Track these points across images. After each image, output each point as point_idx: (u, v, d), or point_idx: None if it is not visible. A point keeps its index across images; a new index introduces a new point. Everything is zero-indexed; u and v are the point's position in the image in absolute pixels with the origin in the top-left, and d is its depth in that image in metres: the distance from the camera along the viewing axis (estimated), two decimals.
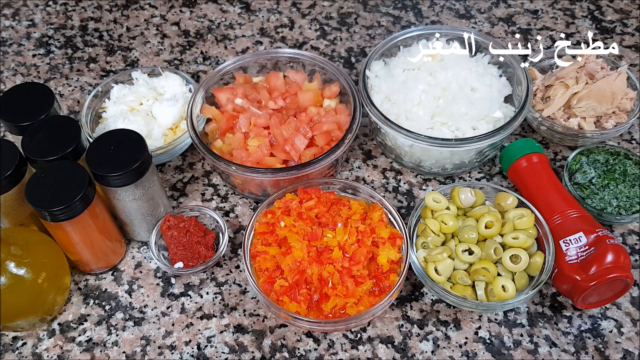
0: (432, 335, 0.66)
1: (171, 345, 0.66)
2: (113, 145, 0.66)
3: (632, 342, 0.65)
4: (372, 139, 0.84)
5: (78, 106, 0.90)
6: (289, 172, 0.70)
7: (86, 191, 0.62)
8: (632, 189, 0.72)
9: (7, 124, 0.71)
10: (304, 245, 0.65)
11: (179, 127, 0.81)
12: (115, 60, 0.96)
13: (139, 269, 0.72)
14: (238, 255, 0.73)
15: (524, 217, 0.67)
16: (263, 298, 0.63)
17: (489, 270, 0.64)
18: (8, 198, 0.65)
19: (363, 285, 0.63)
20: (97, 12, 1.04)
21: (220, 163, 0.71)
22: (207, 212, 0.74)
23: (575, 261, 0.64)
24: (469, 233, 0.66)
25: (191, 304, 0.69)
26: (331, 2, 1.04)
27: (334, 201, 0.70)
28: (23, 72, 0.95)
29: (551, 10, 1.00)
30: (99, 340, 0.67)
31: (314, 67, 0.83)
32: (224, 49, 0.97)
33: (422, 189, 0.79)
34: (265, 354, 0.65)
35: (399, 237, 0.67)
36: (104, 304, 0.69)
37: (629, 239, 0.73)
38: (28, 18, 1.03)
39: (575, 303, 0.64)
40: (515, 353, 0.64)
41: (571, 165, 0.75)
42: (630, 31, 0.97)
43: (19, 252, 0.62)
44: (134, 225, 0.71)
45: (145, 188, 0.68)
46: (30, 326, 0.66)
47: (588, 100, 0.78)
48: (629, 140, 0.82)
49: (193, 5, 1.04)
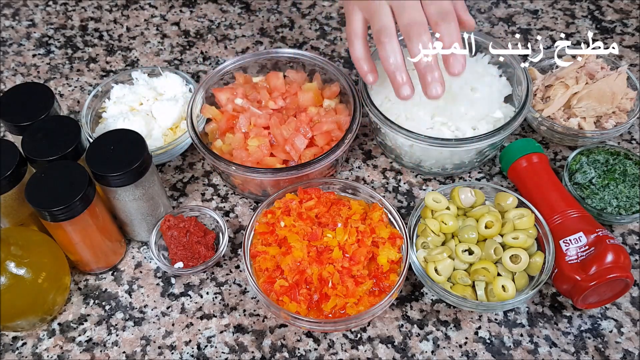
0: (432, 335, 0.66)
1: (171, 345, 0.66)
2: (113, 145, 0.66)
3: (632, 342, 0.65)
4: (372, 139, 0.84)
5: (78, 106, 0.90)
6: (289, 172, 0.70)
7: (86, 191, 0.62)
8: (632, 189, 0.72)
9: (7, 124, 0.71)
10: (304, 245, 0.65)
11: (179, 127, 0.81)
12: (115, 60, 0.96)
13: (139, 269, 0.72)
14: (238, 255, 0.73)
15: (524, 217, 0.67)
16: (263, 298, 0.63)
17: (489, 270, 0.64)
18: (8, 198, 0.65)
19: (363, 285, 0.63)
20: (97, 12, 1.04)
21: (220, 163, 0.71)
22: (207, 212, 0.74)
23: (575, 261, 0.64)
24: (469, 233, 0.66)
25: (191, 304, 0.69)
26: (331, 2, 1.04)
27: (334, 201, 0.70)
28: (23, 72, 0.95)
29: (551, 10, 1.00)
30: (99, 340, 0.67)
31: (314, 67, 0.83)
32: (224, 49, 0.97)
33: (422, 189, 0.79)
34: (265, 354, 0.65)
35: (399, 237, 0.67)
36: (104, 304, 0.69)
37: (629, 239, 0.73)
38: (28, 18, 1.03)
39: (575, 303, 0.64)
40: (515, 353, 0.64)
41: (571, 165, 0.75)
42: (630, 31, 0.97)
43: (19, 252, 0.62)
44: (134, 225, 0.72)
45: (145, 188, 0.68)
46: (30, 326, 0.66)
47: (588, 100, 0.78)
48: (629, 140, 0.82)
49: (193, 5, 1.04)
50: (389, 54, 0.61)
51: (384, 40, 0.61)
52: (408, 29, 0.60)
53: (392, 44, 0.61)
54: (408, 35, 0.61)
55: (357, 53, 0.64)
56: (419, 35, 0.60)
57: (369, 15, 0.63)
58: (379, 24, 0.61)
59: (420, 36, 0.60)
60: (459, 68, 0.61)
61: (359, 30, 0.64)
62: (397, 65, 0.61)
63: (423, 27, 0.61)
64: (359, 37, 0.64)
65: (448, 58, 0.61)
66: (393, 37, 0.61)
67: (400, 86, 0.62)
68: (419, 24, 0.60)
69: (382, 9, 0.61)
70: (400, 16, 0.61)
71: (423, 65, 0.61)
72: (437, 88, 0.61)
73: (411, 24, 0.60)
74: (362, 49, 0.64)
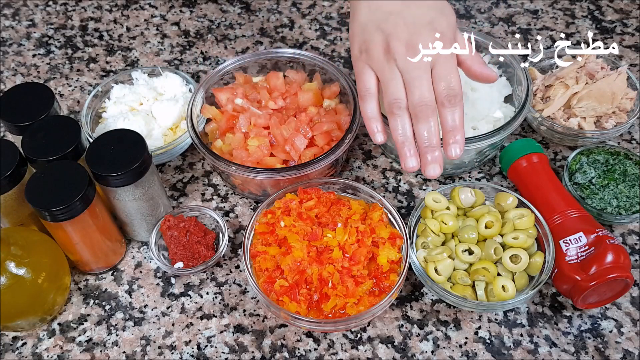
0: (432, 335, 0.66)
1: (171, 345, 0.66)
2: (113, 145, 0.66)
3: (632, 342, 0.65)
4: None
5: (78, 106, 0.90)
6: (289, 172, 0.70)
7: (86, 191, 0.62)
8: (632, 189, 0.72)
9: (7, 124, 0.71)
10: (304, 245, 0.65)
11: (179, 127, 0.81)
12: (115, 60, 0.96)
13: (139, 269, 0.72)
14: (238, 255, 0.73)
15: (524, 217, 0.67)
16: (263, 298, 0.63)
17: (489, 270, 0.64)
18: (8, 198, 0.65)
19: (363, 285, 0.63)
20: (97, 12, 1.04)
21: (220, 163, 0.71)
22: (207, 212, 0.74)
23: (575, 261, 0.64)
24: (469, 233, 0.66)
25: (191, 304, 0.69)
26: (331, 2, 1.04)
27: (334, 201, 0.70)
28: (23, 72, 0.95)
29: (551, 10, 1.00)
30: (99, 340, 0.67)
31: (314, 67, 0.83)
32: (224, 49, 0.97)
33: (422, 189, 0.79)
34: (265, 354, 0.65)
35: (399, 237, 0.67)
36: (104, 304, 0.69)
37: (629, 239, 0.73)
38: (28, 18, 1.03)
39: (575, 303, 0.64)
40: (515, 353, 0.64)
41: (571, 165, 0.75)
42: (630, 31, 0.97)
43: (19, 252, 0.62)
44: (134, 225, 0.72)
45: (145, 188, 0.68)
46: (30, 326, 0.66)
47: (588, 100, 0.78)
48: (629, 140, 0.82)
49: (193, 5, 1.04)
50: (399, 126, 0.62)
51: (396, 113, 0.62)
52: (417, 109, 0.61)
53: (403, 117, 0.62)
54: (415, 115, 0.61)
55: (370, 113, 0.64)
56: (426, 119, 0.61)
57: (382, 81, 0.63)
58: (392, 95, 0.62)
59: (428, 119, 0.61)
60: (457, 153, 0.62)
61: (373, 90, 0.64)
62: (406, 138, 0.62)
63: (431, 110, 0.61)
64: (372, 97, 0.64)
65: (448, 141, 0.62)
66: (405, 111, 0.62)
67: (407, 158, 0.62)
68: (427, 106, 0.61)
69: (396, 81, 0.62)
70: (410, 92, 0.61)
71: (425, 145, 0.62)
72: (435, 169, 0.62)
73: (420, 105, 0.61)
74: (375, 109, 0.64)
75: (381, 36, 0.63)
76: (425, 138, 0.61)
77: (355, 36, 0.66)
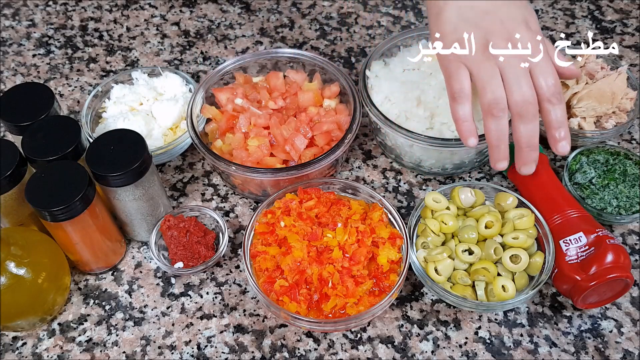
0: (432, 335, 0.66)
1: (171, 345, 0.66)
2: (113, 145, 0.66)
3: (632, 342, 0.65)
4: (372, 139, 0.84)
5: (78, 106, 0.90)
6: (289, 172, 0.70)
7: (86, 191, 0.62)
8: (632, 189, 0.72)
9: (7, 124, 0.71)
10: (304, 245, 0.65)
11: (179, 127, 0.81)
12: (115, 60, 0.96)
13: (139, 269, 0.72)
14: (238, 255, 0.73)
15: (524, 217, 0.67)
16: (263, 298, 0.63)
17: (489, 270, 0.64)
18: (8, 198, 0.65)
19: (363, 285, 0.63)
20: (97, 12, 1.04)
21: (220, 163, 0.71)
22: (207, 212, 0.74)
23: (575, 261, 0.64)
24: (469, 233, 0.66)
25: (191, 304, 0.69)
26: (331, 2, 1.04)
27: (334, 201, 0.70)
28: (23, 72, 0.95)
29: (551, 10, 1.00)
30: (99, 340, 0.67)
31: (314, 67, 0.83)
32: (224, 49, 0.97)
33: (422, 189, 0.79)
34: (265, 354, 0.65)
35: (399, 237, 0.67)
36: (104, 304, 0.69)
37: (629, 239, 0.73)
38: (28, 18, 1.03)
39: (575, 303, 0.64)
40: (515, 353, 0.64)
41: (571, 165, 0.75)
42: (630, 31, 0.97)
43: (19, 252, 0.62)
44: (134, 225, 0.72)
45: (145, 188, 0.68)
46: (30, 326, 0.66)
47: (588, 100, 0.78)
48: (629, 140, 0.82)
49: (193, 5, 1.04)
50: (496, 127, 0.61)
51: (496, 115, 0.60)
52: (521, 108, 0.60)
53: (502, 120, 0.61)
54: (519, 114, 0.60)
55: (463, 115, 0.62)
56: (530, 118, 0.60)
57: (479, 79, 0.61)
58: (492, 95, 0.60)
59: (532, 119, 0.60)
60: (567, 149, 0.62)
61: (467, 91, 0.62)
62: (501, 141, 0.62)
63: (535, 109, 0.60)
64: (467, 98, 0.62)
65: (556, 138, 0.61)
66: (505, 113, 0.61)
67: (499, 161, 0.62)
68: (531, 105, 0.60)
69: (496, 79, 0.60)
70: (511, 90, 0.60)
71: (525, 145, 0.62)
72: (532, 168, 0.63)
73: (525, 103, 0.59)
74: (469, 111, 0.62)
75: (480, 34, 0.61)
76: (527, 138, 0.61)
77: (446, 36, 0.63)
